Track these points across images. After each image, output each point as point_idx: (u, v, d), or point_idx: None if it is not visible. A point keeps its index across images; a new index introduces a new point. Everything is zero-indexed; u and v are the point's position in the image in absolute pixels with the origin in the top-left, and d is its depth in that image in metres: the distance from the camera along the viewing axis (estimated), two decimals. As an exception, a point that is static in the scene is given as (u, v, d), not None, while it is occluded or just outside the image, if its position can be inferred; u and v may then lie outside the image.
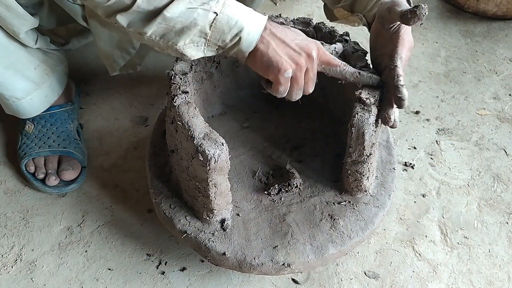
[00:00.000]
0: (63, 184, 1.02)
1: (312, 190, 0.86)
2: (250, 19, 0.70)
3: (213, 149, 0.71)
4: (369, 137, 0.75)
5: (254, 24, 0.71)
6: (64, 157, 1.04)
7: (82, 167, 1.04)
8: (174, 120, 0.77)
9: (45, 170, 1.02)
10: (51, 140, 1.05)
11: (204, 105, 0.94)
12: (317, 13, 1.47)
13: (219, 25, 0.69)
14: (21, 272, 0.91)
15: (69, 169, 1.02)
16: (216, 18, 0.68)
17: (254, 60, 0.73)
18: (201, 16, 0.68)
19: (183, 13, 0.67)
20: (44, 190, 1.01)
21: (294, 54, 0.72)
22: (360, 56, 0.83)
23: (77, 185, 1.03)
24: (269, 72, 0.73)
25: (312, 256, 0.77)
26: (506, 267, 0.93)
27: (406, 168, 1.08)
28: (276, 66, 0.72)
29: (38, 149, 1.03)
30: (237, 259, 0.77)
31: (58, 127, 1.07)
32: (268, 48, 0.71)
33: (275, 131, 0.97)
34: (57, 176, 1.01)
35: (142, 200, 1.02)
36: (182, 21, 0.68)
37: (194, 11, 0.67)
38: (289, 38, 0.73)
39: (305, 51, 0.73)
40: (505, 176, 1.07)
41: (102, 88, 1.23)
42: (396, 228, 0.98)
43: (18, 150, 1.05)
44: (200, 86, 0.90)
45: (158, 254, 0.94)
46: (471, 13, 1.47)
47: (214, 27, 0.69)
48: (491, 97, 1.25)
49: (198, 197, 0.78)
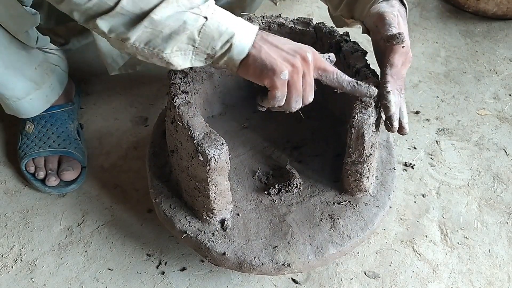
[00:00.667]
0: (63, 185, 1.02)
1: (312, 190, 0.86)
2: (241, 25, 0.66)
3: (213, 149, 0.71)
4: (369, 138, 0.75)
5: (246, 30, 0.67)
6: (64, 157, 1.04)
7: (82, 167, 1.04)
8: (174, 120, 0.77)
9: (45, 170, 1.02)
10: (51, 140, 1.05)
11: (204, 105, 0.94)
12: (317, 13, 1.47)
13: (209, 31, 0.64)
14: (21, 272, 0.91)
15: (69, 170, 1.02)
16: (206, 24, 0.64)
17: (246, 67, 0.68)
18: (191, 20, 0.63)
19: (171, 16, 0.62)
20: (44, 190, 1.01)
21: (289, 56, 0.68)
22: (360, 57, 0.83)
23: (77, 185, 1.03)
24: (263, 76, 0.67)
25: (312, 256, 0.77)
26: (506, 267, 0.93)
27: (406, 168, 1.08)
28: (270, 68, 0.66)
29: (38, 149, 1.03)
30: (237, 259, 0.77)
31: (58, 127, 1.07)
32: (261, 52, 0.67)
33: (275, 131, 0.97)
34: (57, 177, 1.01)
35: (142, 200, 1.02)
36: (171, 25, 0.63)
37: (183, 14, 0.63)
38: (282, 43, 0.69)
39: (299, 53, 0.69)
40: (505, 176, 1.07)
41: (102, 88, 1.23)
42: (396, 228, 0.98)
43: (18, 150, 1.05)
44: (200, 86, 0.90)
45: (158, 254, 0.94)
46: (471, 13, 1.46)
47: (204, 33, 0.64)
48: (491, 97, 1.25)
49: (198, 197, 0.78)
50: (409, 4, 1.51)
